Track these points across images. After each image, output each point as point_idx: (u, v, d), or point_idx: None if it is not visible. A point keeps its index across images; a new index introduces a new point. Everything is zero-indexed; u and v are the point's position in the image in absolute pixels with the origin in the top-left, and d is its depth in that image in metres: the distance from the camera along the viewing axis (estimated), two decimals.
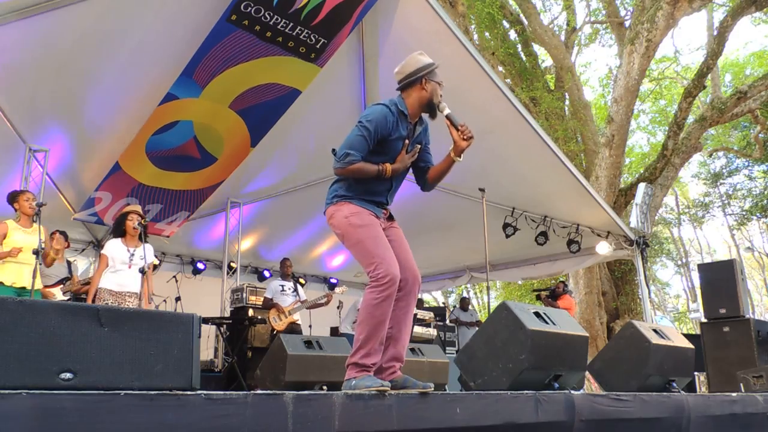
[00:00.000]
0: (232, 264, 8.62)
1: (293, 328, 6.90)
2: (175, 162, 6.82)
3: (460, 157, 2.75)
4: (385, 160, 2.73)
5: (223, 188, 7.62)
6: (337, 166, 2.68)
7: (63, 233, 5.98)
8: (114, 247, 4.86)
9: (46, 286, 5.57)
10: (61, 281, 5.76)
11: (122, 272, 4.79)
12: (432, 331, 8.25)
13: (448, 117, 2.75)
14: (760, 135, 16.42)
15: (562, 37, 16.40)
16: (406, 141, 2.79)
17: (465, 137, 2.70)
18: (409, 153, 2.80)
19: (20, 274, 4.87)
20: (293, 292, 7.21)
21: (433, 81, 2.79)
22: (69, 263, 6.09)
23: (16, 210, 5.04)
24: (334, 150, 2.73)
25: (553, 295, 9.21)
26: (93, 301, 4.66)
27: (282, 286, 7.19)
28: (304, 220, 8.99)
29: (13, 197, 5.06)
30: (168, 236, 8.07)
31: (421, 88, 2.78)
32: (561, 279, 9.57)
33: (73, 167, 6.75)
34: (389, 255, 2.61)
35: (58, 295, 5.63)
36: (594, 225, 8.50)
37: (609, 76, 20.09)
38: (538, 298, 9.49)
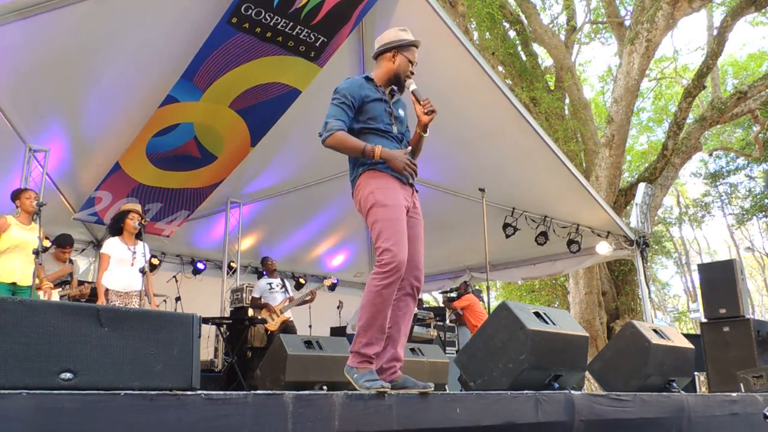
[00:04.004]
0: (232, 264, 8.62)
1: (287, 327, 6.85)
2: (176, 162, 6.82)
3: (425, 132, 2.81)
4: (375, 125, 2.76)
5: (223, 188, 7.62)
6: (323, 136, 2.69)
7: (62, 238, 6.00)
8: (115, 246, 4.86)
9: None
10: (61, 284, 5.77)
11: (126, 271, 4.81)
12: (432, 331, 8.25)
13: (413, 93, 2.81)
14: (759, 135, 16.42)
15: (562, 37, 16.40)
16: (391, 114, 2.84)
17: (426, 111, 2.75)
18: (405, 150, 2.75)
19: (13, 271, 4.88)
20: (282, 289, 7.12)
21: (403, 55, 2.86)
22: (71, 262, 6.10)
23: (17, 207, 5.09)
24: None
25: (456, 296, 9.34)
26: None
27: (270, 284, 7.10)
28: (304, 220, 8.99)
29: (16, 194, 5.13)
30: (168, 236, 8.07)
31: (390, 59, 2.87)
32: (466, 279, 9.70)
33: (73, 167, 6.75)
34: (400, 241, 2.56)
35: (54, 296, 5.62)
36: (594, 225, 8.50)
37: (609, 74, 20.11)
38: (443, 300, 9.61)
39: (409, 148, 2.81)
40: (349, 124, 2.74)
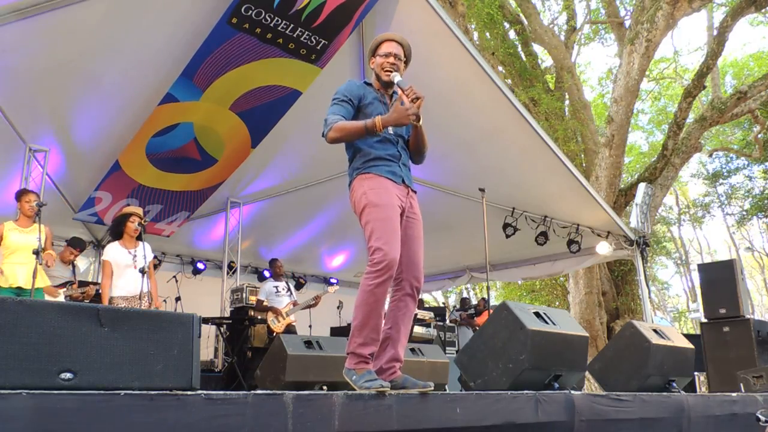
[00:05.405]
0: (232, 264, 8.62)
1: (290, 329, 6.88)
2: (176, 163, 6.82)
3: (417, 121, 2.72)
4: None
5: (223, 189, 7.62)
6: (324, 133, 2.70)
7: (76, 240, 6.04)
8: (115, 252, 4.87)
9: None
10: (65, 284, 5.78)
11: (130, 276, 4.81)
12: (432, 331, 8.25)
13: (397, 84, 2.77)
14: (759, 135, 16.41)
15: (562, 37, 16.40)
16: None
17: (411, 99, 2.64)
18: (401, 104, 2.62)
19: (15, 275, 4.87)
20: (287, 292, 7.18)
21: (377, 55, 2.90)
22: (73, 265, 6.11)
23: (18, 209, 5.07)
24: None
25: (476, 312, 9.41)
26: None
27: (276, 287, 7.15)
28: (304, 220, 8.99)
29: (18, 196, 5.12)
30: (168, 236, 8.08)
31: (372, 64, 2.94)
32: (483, 296, 9.82)
33: (73, 167, 6.75)
34: (391, 240, 2.55)
35: (60, 296, 5.64)
36: (594, 225, 8.50)
37: (609, 76, 20.11)
38: (461, 318, 9.68)
39: (404, 96, 2.68)
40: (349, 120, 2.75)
